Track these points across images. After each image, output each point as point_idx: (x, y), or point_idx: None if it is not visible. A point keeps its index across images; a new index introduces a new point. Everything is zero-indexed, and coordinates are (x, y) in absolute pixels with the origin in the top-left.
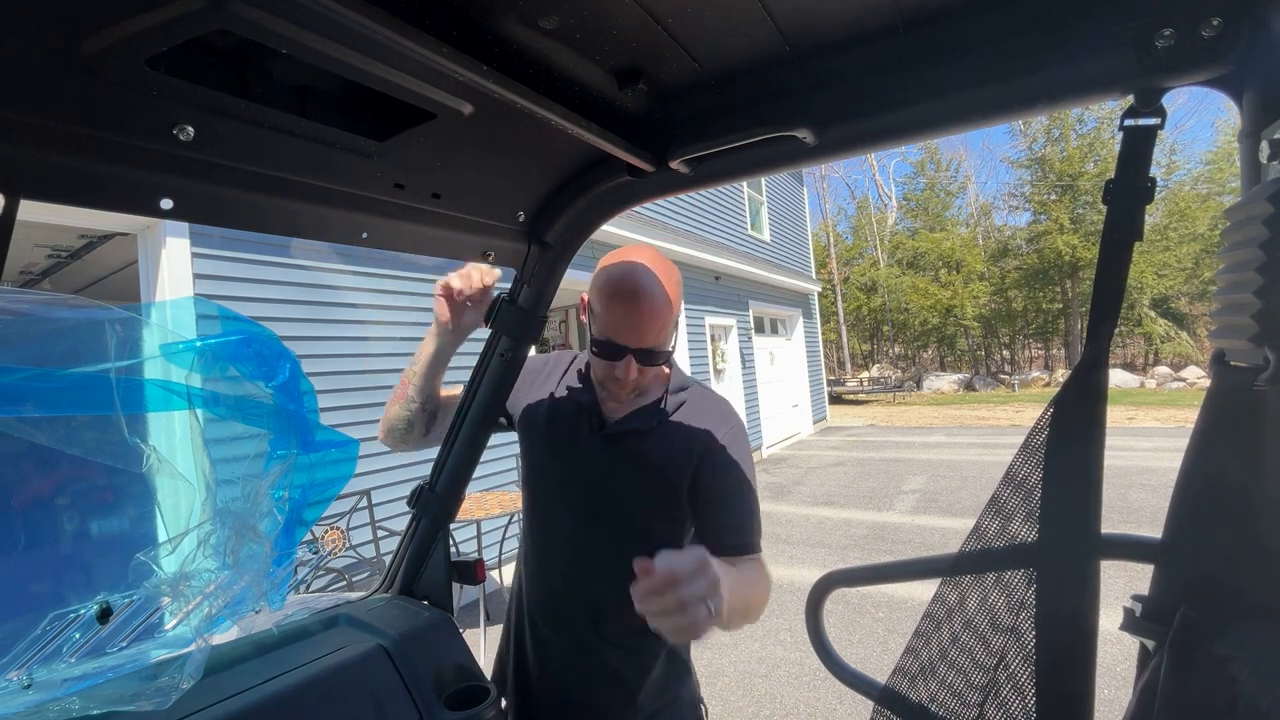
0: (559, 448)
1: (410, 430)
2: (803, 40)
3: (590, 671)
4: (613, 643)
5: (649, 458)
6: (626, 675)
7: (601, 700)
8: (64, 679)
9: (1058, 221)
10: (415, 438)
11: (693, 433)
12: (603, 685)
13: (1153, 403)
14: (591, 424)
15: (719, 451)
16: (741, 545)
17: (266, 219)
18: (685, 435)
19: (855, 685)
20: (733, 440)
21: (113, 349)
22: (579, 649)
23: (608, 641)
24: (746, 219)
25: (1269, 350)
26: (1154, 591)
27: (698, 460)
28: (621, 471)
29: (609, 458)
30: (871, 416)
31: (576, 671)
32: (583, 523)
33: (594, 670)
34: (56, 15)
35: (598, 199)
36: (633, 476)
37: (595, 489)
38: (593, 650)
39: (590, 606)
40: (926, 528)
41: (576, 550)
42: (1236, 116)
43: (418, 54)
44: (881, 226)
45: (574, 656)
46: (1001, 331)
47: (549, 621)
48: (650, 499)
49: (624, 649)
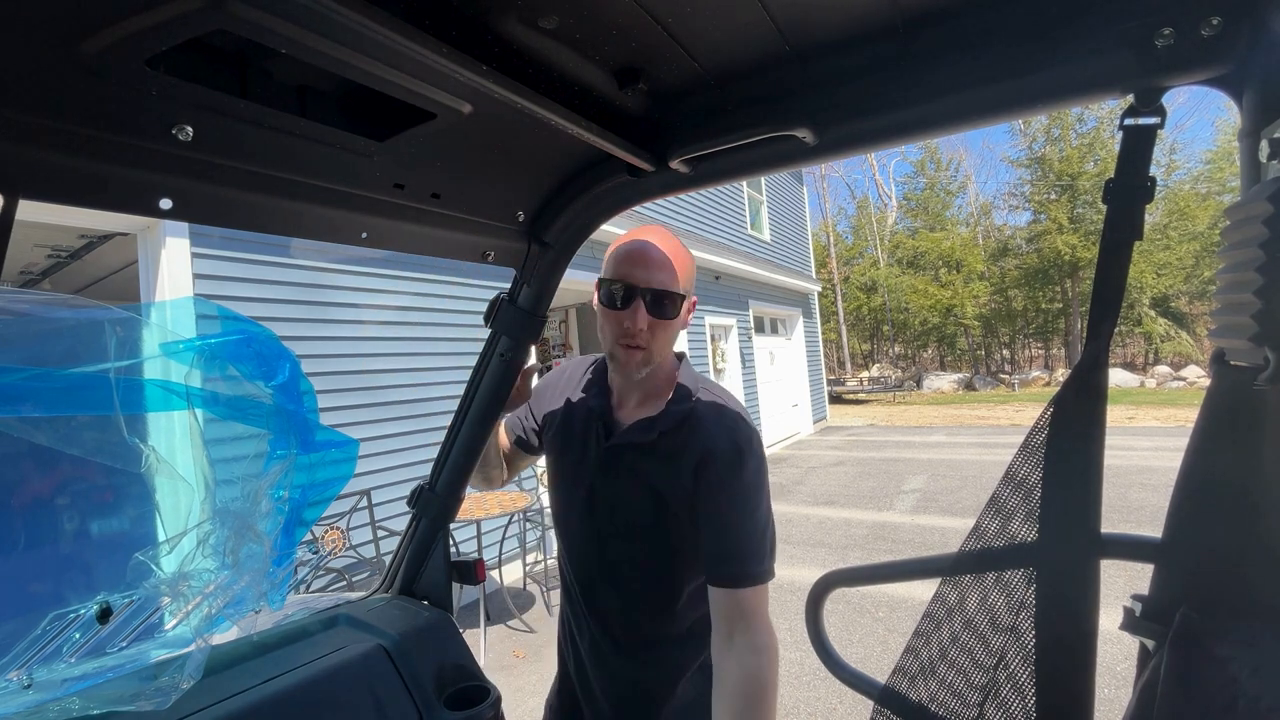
0: (572, 455)
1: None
2: (803, 40)
3: (609, 682)
4: (628, 655)
5: (647, 476)
6: (649, 687)
7: (623, 713)
8: (64, 679)
9: (1057, 221)
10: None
11: (692, 451)
12: (623, 696)
13: (1153, 402)
14: (599, 433)
15: (717, 473)
16: (737, 576)
17: (266, 219)
18: (684, 454)
19: (855, 685)
20: (734, 458)
21: (112, 349)
22: (598, 659)
23: (624, 653)
24: (746, 219)
25: (1269, 350)
26: (1154, 591)
27: (693, 482)
28: (624, 487)
29: (612, 471)
30: (871, 416)
31: (597, 682)
32: (591, 534)
33: (611, 680)
34: (56, 15)
35: (598, 199)
36: (632, 493)
37: (600, 501)
38: (609, 660)
39: (601, 616)
40: (926, 527)
41: (588, 559)
42: (1236, 116)
43: (418, 54)
44: (881, 226)
45: (595, 667)
46: (1001, 331)
47: (575, 630)
48: (648, 518)
49: (639, 660)
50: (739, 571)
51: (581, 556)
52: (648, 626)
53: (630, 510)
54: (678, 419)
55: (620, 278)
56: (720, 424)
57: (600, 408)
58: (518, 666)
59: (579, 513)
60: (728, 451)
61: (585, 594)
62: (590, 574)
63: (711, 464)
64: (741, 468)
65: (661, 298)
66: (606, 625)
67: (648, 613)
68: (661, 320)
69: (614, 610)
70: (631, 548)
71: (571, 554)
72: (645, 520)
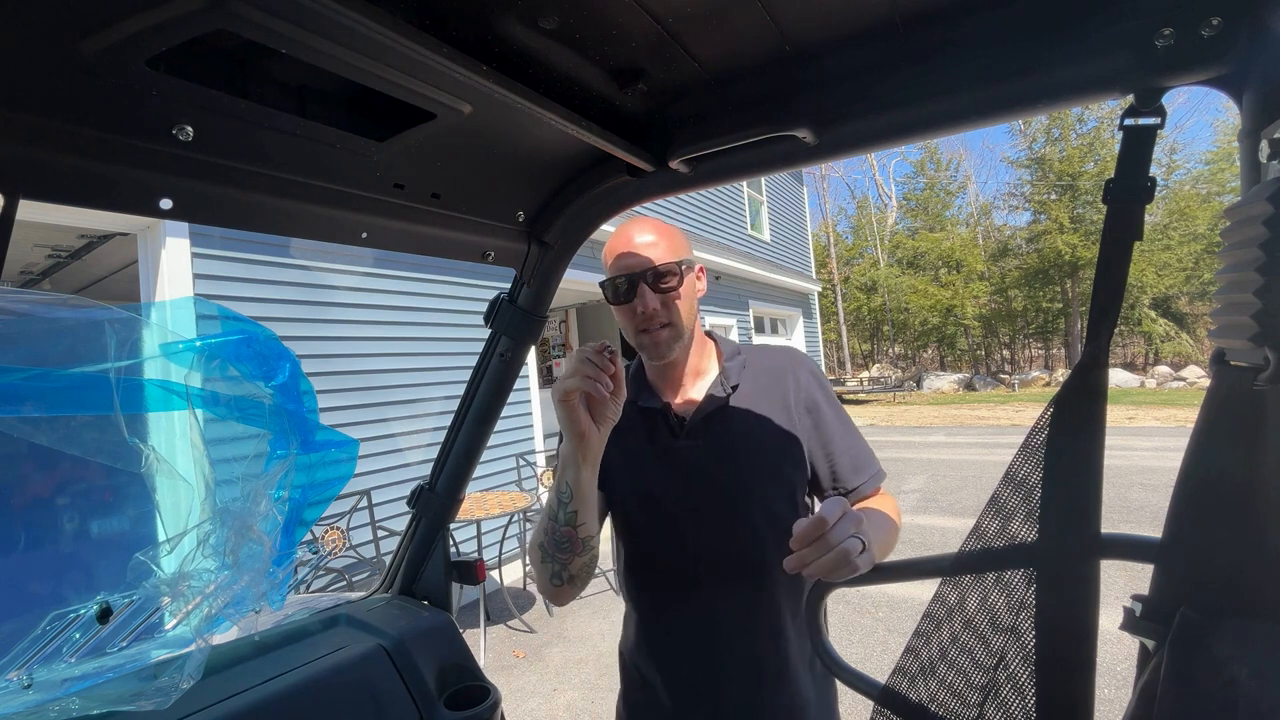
0: (645, 465)
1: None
2: (803, 40)
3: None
4: (758, 620)
5: (745, 422)
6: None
7: (762, 685)
8: (64, 679)
9: (1057, 221)
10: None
11: (774, 383)
12: (755, 662)
13: (1153, 402)
14: (671, 427)
15: (811, 392)
16: (877, 476)
17: (266, 219)
18: (770, 388)
19: (855, 685)
20: (818, 375)
21: (113, 349)
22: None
23: (753, 618)
24: (746, 219)
25: (1269, 350)
26: (1154, 591)
27: (790, 412)
28: (727, 449)
29: (699, 451)
30: (872, 416)
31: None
32: (709, 526)
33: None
34: (56, 15)
35: (598, 199)
36: (740, 447)
37: (705, 482)
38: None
39: (718, 599)
40: (926, 527)
41: (699, 548)
42: (1236, 116)
43: (418, 54)
44: (881, 226)
45: (714, 655)
46: (1001, 331)
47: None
48: (771, 458)
49: (764, 627)
50: (878, 471)
51: (687, 546)
52: (778, 586)
53: (734, 468)
54: (738, 370)
55: (618, 271)
56: (783, 356)
57: (655, 406)
58: (518, 666)
59: (673, 504)
60: (808, 373)
61: (690, 589)
62: (698, 560)
63: (802, 388)
64: (825, 381)
65: (661, 273)
66: (756, 595)
67: (773, 570)
68: (671, 294)
69: (731, 587)
70: (743, 507)
71: (672, 548)
72: (765, 464)
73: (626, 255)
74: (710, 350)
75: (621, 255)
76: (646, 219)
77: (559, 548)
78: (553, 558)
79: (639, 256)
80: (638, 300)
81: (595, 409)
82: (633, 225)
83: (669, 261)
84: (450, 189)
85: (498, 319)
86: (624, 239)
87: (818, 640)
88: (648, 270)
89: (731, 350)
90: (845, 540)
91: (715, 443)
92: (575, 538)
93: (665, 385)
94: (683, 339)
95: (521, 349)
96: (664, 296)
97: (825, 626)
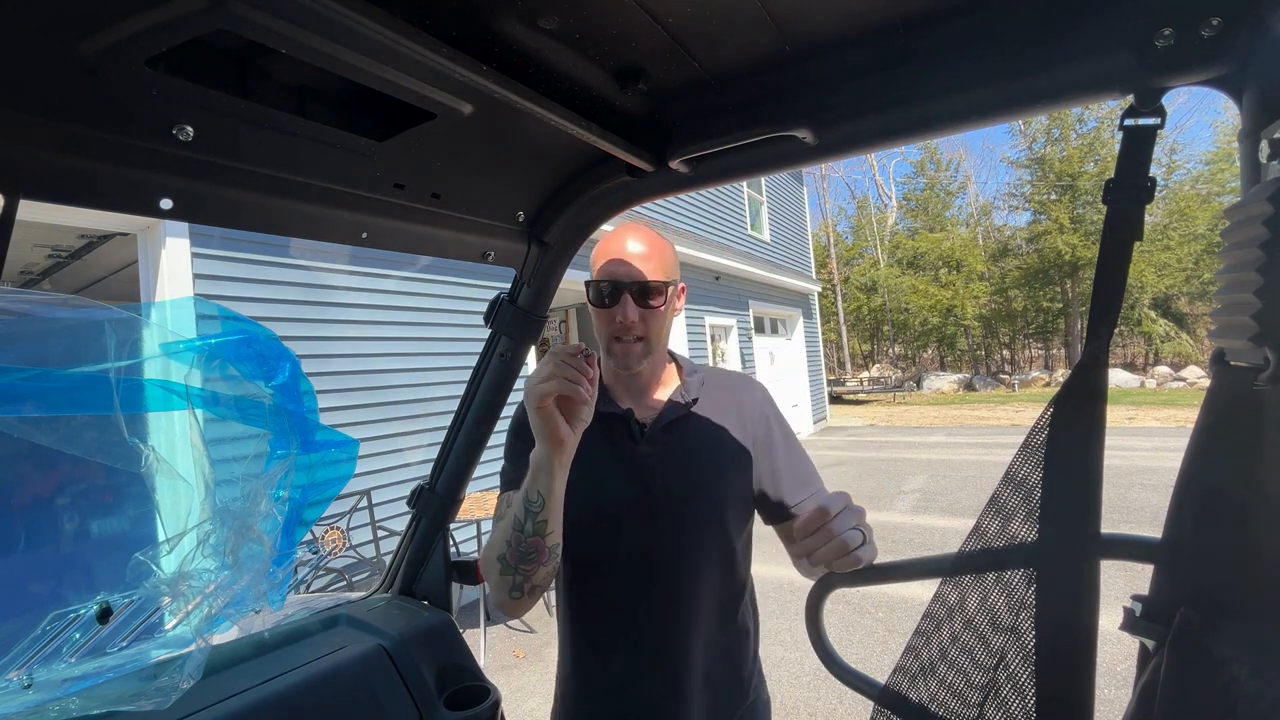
0: (603, 467)
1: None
2: (802, 40)
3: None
4: (710, 624)
5: (699, 440)
6: (735, 655)
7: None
8: (64, 679)
9: (1058, 221)
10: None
11: (730, 404)
12: (713, 670)
13: (1153, 403)
14: (633, 434)
15: (763, 411)
16: (813, 498)
17: (266, 219)
18: (725, 408)
19: (855, 685)
20: (768, 400)
21: (112, 349)
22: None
23: (706, 623)
24: (746, 219)
25: (1269, 350)
26: (1154, 591)
27: (743, 428)
28: (676, 462)
29: (659, 456)
30: (871, 416)
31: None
32: (649, 522)
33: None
34: (56, 15)
35: (597, 199)
36: (688, 460)
37: (656, 487)
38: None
39: (675, 603)
40: (926, 528)
41: (652, 551)
42: (1236, 116)
43: (418, 54)
44: (881, 226)
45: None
46: (1001, 331)
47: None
48: (724, 469)
49: (722, 629)
50: (820, 490)
51: (641, 552)
52: (723, 591)
53: (691, 476)
54: (698, 385)
55: (606, 276)
56: (739, 378)
57: (617, 412)
58: (518, 666)
59: (629, 510)
60: (762, 395)
61: (643, 591)
62: (653, 566)
63: (755, 406)
64: (777, 406)
65: (647, 288)
66: (683, 610)
67: (723, 576)
68: (652, 310)
69: (687, 590)
70: (697, 514)
71: (625, 555)
72: (723, 473)
73: (617, 263)
74: (671, 366)
75: (612, 261)
76: (642, 227)
77: (523, 559)
78: (515, 569)
79: (630, 267)
80: (619, 309)
81: (570, 413)
82: (627, 232)
83: (658, 280)
84: (450, 189)
85: (498, 319)
86: (618, 244)
87: (818, 640)
88: (635, 284)
89: (691, 368)
90: (846, 531)
91: (675, 449)
92: (542, 547)
93: (625, 392)
94: (653, 354)
95: (521, 349)
96: (645, 311)
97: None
